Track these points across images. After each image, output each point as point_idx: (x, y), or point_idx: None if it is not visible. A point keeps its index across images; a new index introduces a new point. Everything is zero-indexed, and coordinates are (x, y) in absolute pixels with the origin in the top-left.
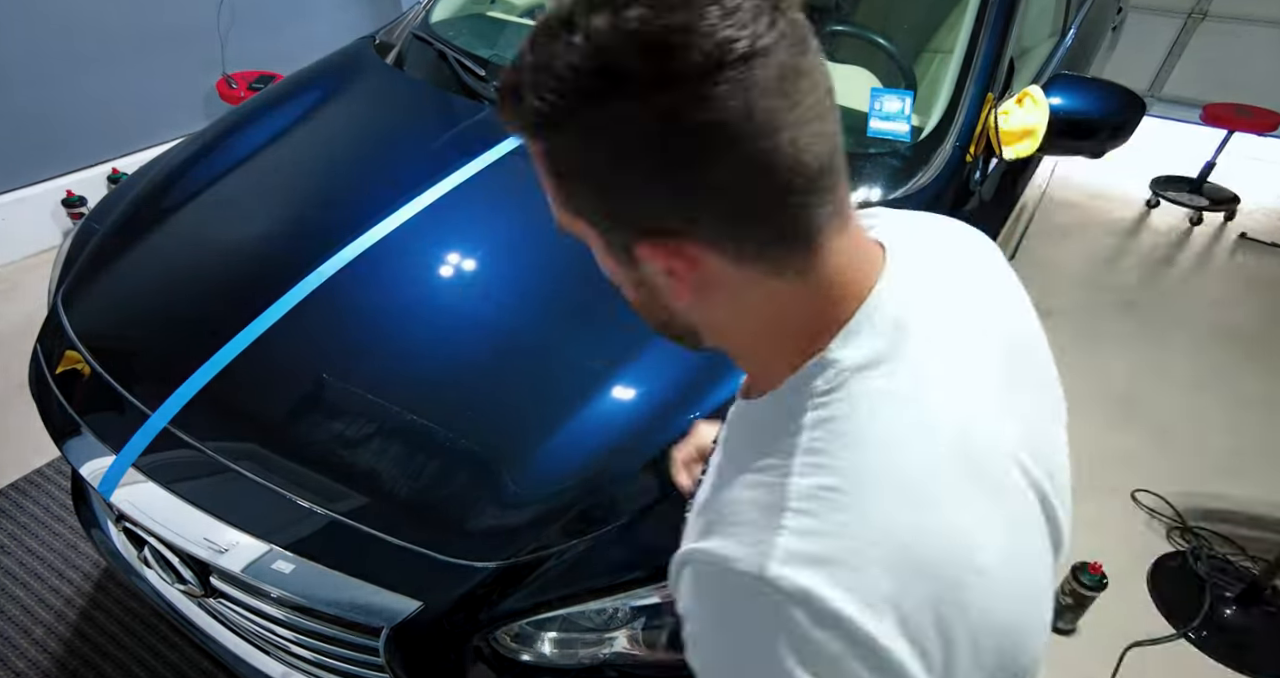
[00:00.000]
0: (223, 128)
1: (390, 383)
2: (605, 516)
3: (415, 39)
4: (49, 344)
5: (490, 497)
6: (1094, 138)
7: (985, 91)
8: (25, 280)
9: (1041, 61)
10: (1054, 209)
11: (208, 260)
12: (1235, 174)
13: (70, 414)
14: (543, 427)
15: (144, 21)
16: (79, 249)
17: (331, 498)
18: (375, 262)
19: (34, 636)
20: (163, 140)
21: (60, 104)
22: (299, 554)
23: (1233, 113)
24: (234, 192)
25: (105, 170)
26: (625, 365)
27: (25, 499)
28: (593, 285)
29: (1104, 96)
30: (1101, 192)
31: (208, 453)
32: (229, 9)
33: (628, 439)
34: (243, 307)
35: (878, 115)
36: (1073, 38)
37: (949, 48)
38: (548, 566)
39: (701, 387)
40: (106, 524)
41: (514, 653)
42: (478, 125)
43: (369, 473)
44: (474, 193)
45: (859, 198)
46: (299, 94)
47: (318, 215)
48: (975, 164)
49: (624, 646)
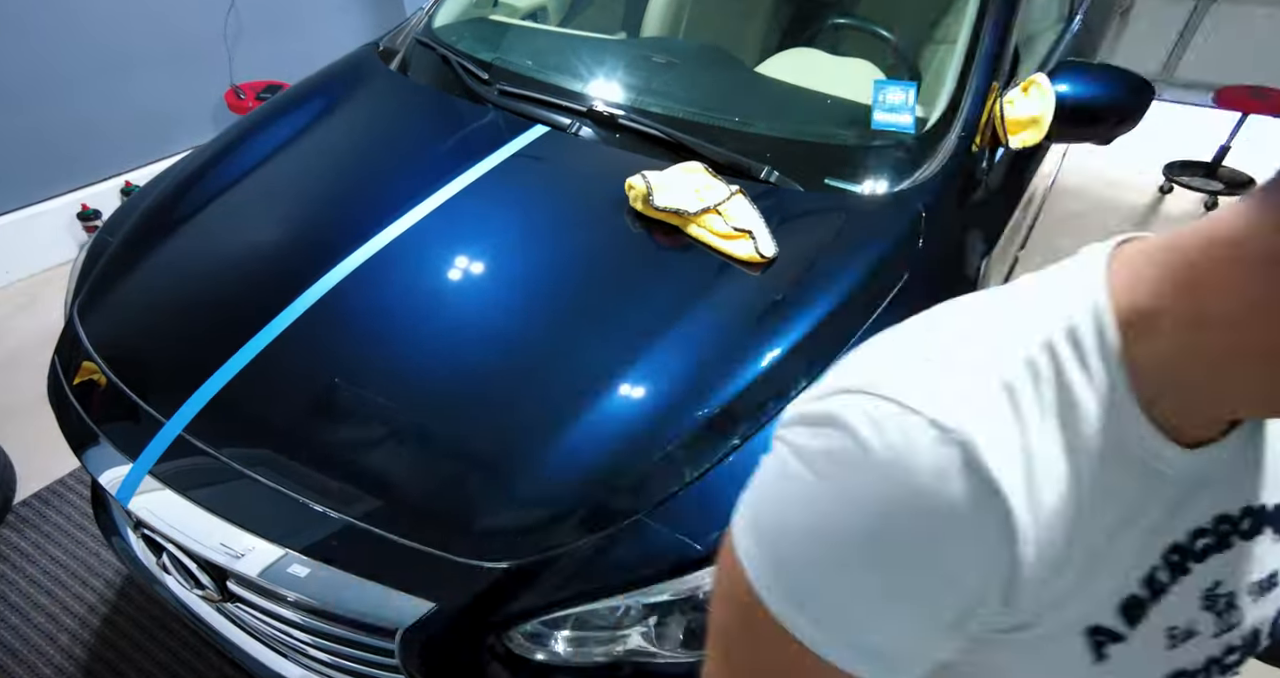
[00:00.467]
0: (230, 138)
1: (400, 386)
2: (616, 513)
3: (419, 44)
4: (66, 356)
5: (501, 497)
6: (1101, 124)
7: (990, 81)
8: (44, 293)
9: (1048, 48)
10: (1065, 197)
11: (219, 269)
12: (1251, 158)
13: (88, 424)
14: (552, 426)
15: (152, 35)
16: (93, 261)
17: (344, 501)
18: (383, 266)
19: (59, 642)
20: (173, 152)
21: (73, 119)
22: (313, 558)
23: (1247, 95)
24: (242, 200)
25: (118, 183)
26: (633, 363)
27: (48, 509)
28: (599, 285)
29: (1110, 82)
30: (1114, 178)
31: (222, 459)
32: (235, 20)
33: (637, 437)
34: (254, 314)
35: (882, 108)
36: (1079, 23)
37: (952, 38)
38: (560, 564)
39: (711, 384)
40: (126, 532)
41: (528, 652)
42: (482, 129)
43: (381, 476)
44: (480, 196)
45: (865, 191)
46: (304, 102)
47: (325, 222)
48: (981, 154)
49: (638, 643)
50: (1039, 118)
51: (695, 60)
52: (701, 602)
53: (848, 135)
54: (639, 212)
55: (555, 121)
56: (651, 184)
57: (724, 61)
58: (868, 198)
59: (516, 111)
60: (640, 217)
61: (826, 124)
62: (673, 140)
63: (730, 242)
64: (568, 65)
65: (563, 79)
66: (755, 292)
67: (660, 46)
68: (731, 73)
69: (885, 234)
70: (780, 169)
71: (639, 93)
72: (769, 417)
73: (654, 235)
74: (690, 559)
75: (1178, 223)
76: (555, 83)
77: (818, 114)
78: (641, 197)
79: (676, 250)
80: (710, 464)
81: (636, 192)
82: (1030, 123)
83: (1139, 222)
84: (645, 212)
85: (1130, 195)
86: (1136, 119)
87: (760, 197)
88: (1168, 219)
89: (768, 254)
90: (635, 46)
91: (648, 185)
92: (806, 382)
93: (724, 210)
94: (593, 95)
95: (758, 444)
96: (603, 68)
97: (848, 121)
